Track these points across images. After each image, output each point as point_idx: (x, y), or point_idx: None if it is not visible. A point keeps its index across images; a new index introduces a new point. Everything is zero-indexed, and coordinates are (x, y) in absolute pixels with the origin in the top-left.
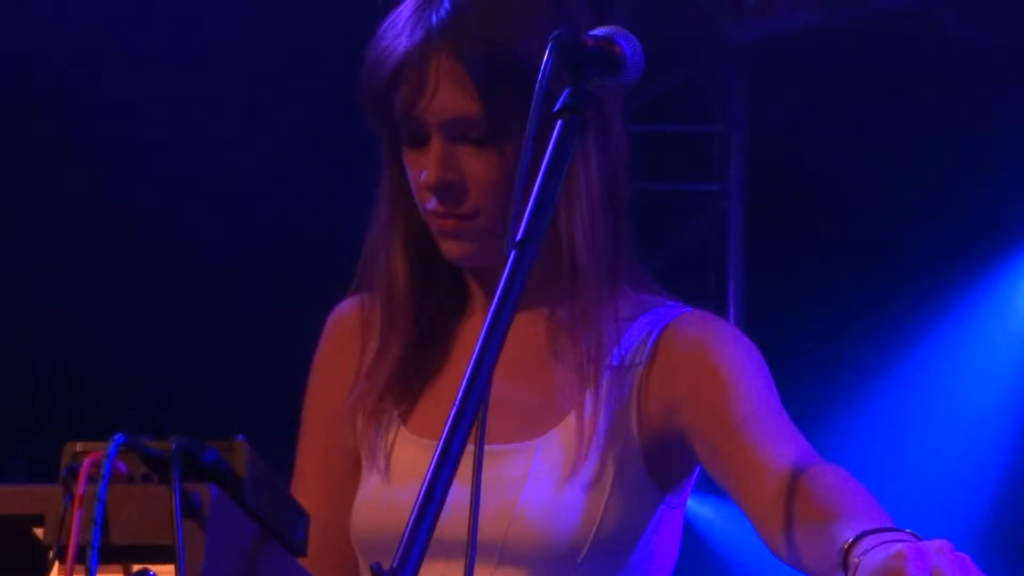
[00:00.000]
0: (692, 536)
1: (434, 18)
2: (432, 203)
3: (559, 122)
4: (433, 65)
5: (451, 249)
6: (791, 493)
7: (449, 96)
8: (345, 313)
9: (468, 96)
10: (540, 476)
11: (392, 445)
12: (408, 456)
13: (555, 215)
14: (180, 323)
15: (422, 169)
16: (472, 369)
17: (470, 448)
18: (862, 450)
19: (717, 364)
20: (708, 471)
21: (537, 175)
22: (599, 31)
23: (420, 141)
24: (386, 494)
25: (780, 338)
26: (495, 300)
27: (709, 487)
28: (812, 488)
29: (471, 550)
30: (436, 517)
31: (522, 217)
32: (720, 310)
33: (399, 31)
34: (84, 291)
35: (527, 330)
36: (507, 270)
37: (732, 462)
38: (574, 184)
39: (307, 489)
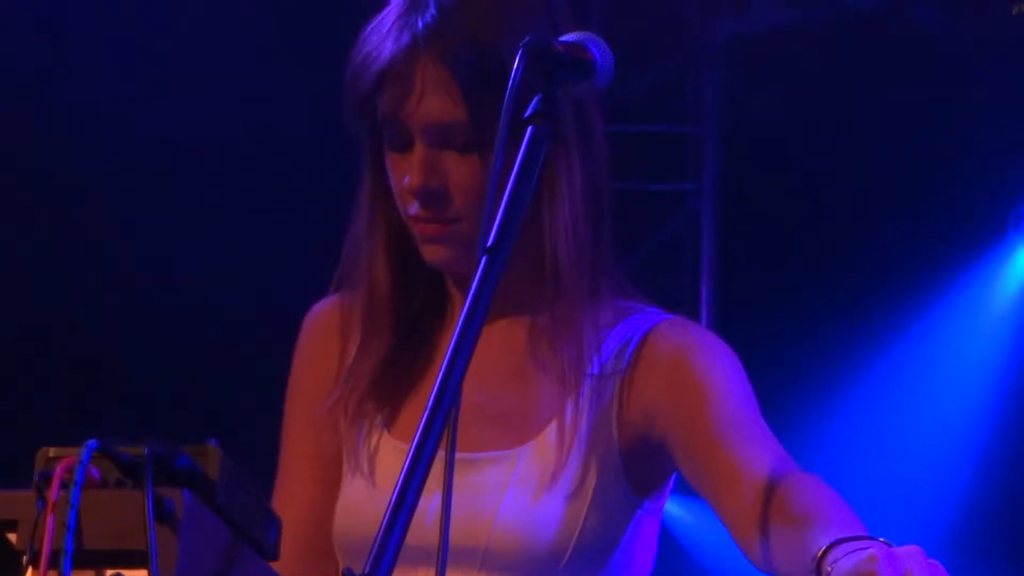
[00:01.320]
0: (670, 539)
1: (420, 23)
2: (415, 208)
3: (530, 128)
4: (419, 70)
5: (433, 254)
6: (766, 501)
7: (434, 101)
8: (323, 313)
9: (453, 102)
10: (521, 484)
11: (375, 450)
12: (390, 461)
13: (537, 222)
14: (157, 325)
15: (405, 174)
16: (443, 375)
17: (439, 448)
18: (836, 450)
19: (696, 371)
20: (686, 477)
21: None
22: (569, 37)
23: (404, 146)
24: (369, 499)
25: (754, 338)
26: (466, 306)
27: (688, 489)
28: (787, 496)
29: (442, 555)
30: (407, 522)
31: (493, 223)
32: (693, 309)
33: (384, 35)
34: (62, 292)
35: (508, 337)
36: (478, 276)
37: (709, 469)
38: (556, 190)
39: (296, 488)
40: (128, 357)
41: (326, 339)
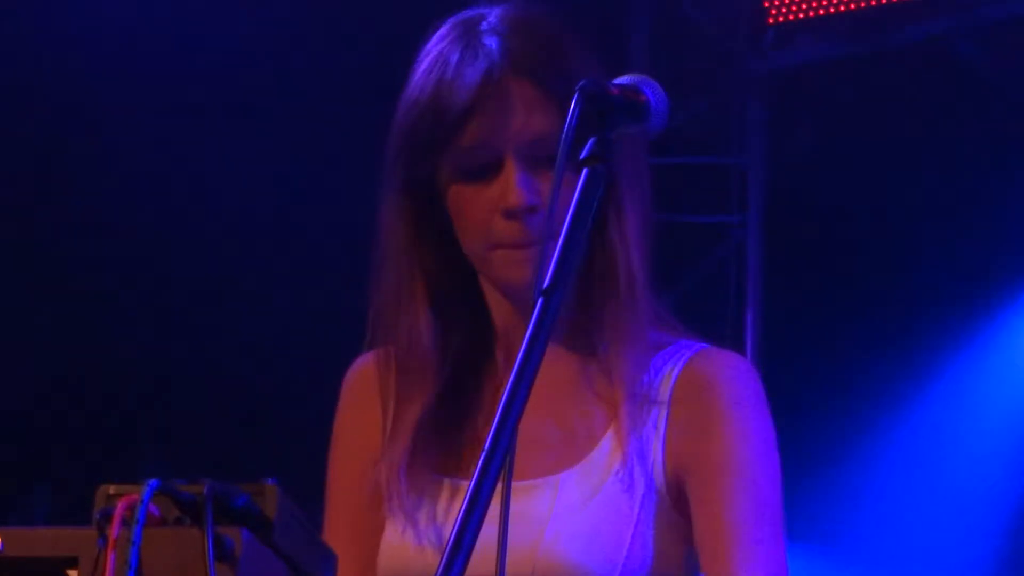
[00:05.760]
0: None
1: (494, 48)
2: (509, 230)
3: (585, 170)
4: (505, 89)
5: (524, 277)
6: None
7: (527, 115)
8: (361, 369)
9: (545, 113)
10: (565, 510)
11: (421, 490)
12: (437, 498)
13: (588, 255)
14: (205, 360)
15: (492, 200)
16: (500, 415)
17: (497, 486)
18: (882, 479)
19: (725, 449)
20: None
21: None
22: (624, 80)
23: (487, 172)
24: (412, 537)
25: (798, 369)
26: (523, 347)
27: None
28: None
29: None
30: (465, 564)
31: (549, 264)
32: (738, 340)
33: (454, 68)
34: (109, 328)
35: (550, 366)
36: (535, 317)
37: (704, 538)
38: (608, 225)
39: (338, 544)
40: (180, 398)
41: (365, 396)
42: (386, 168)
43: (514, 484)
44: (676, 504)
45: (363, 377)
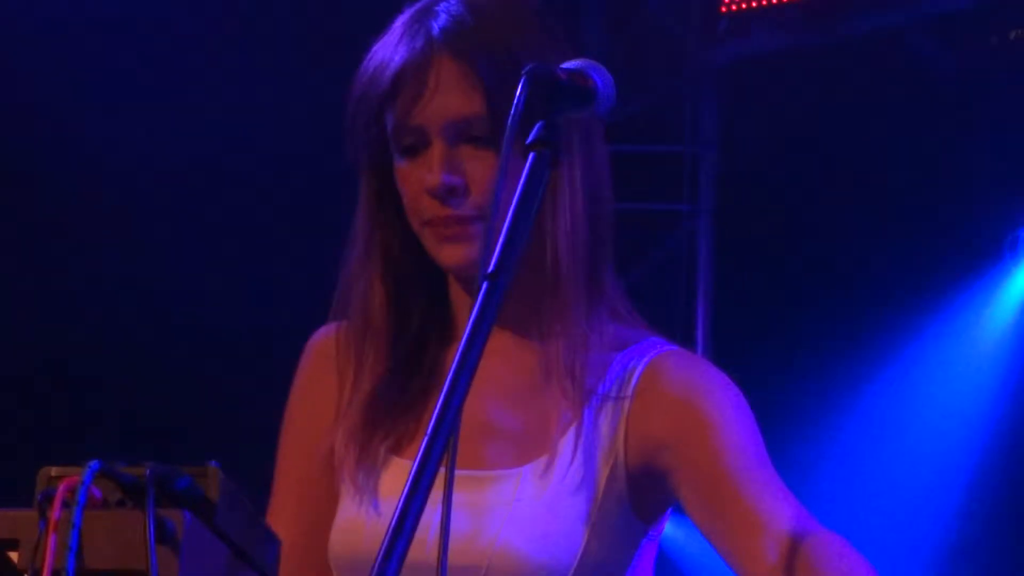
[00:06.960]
0: (662, 556)
1: (434, 26)
2: (433, 209)
3: (531, 155)
4: (435, 68)
5: (453, 256)
6: (792, 561)
7: (452, 95)
8: (322, 341)
9: (472, 95)
10: (524, 503)
11: (371, 467)
12: (388, 477)
13: (541, 238)
14: (153, 346)
15: (420, 178)
16: (443, 399)
17: (440, 472)
18: (833, 466)
19: (706, 413)
20: (690, 515)
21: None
22: (572, 64)
23: (417, 150)
24: (371, 517)
25: (749, 357)
26: (467, 331)
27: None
28: (816, 559)
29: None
30: (407, 547)
31: (494, 249)
32: (688, 328)
33: (395, 44)
34: (56, 314)
35: (517, 355)
36: (478, 302)
37: (725, 518)
38: (559, 207)
39: (284, 516)
40: (129, 378)
41: (323, 368)
42: (345, 143)
43: (475, 474)
44: (634, 502)
45: (322, 348)
